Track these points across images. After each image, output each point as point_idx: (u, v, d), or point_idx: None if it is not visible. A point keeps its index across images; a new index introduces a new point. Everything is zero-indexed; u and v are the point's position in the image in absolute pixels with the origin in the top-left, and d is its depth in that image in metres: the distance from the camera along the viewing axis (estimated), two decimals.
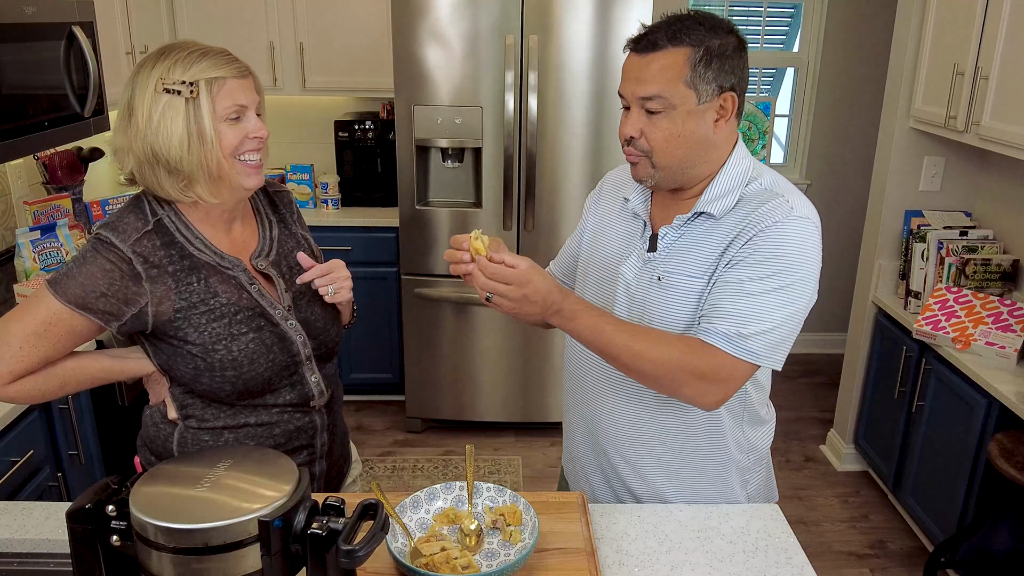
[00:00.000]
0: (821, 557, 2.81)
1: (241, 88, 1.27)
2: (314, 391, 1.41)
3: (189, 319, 1.29)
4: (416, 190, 3.31)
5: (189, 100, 1.23)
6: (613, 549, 1.31)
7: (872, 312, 3.17)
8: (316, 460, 1.47)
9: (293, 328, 1.37)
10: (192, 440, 1.38)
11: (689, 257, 1.32)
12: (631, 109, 1.28)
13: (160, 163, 1.25)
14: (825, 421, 3.72)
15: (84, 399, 2.17)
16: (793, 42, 4.24)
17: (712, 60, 1.23)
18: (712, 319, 1.26)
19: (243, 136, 1.28)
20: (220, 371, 1.30)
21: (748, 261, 1.26)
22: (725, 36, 1.25)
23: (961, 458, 2.51)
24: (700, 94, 1.24)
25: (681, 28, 1.24)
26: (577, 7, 3.03)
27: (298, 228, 1.50)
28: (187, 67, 1.23)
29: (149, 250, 1.28)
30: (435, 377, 3.52)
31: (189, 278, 1.30)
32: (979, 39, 2.48)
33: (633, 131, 1.27)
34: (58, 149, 2.98)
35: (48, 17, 2.29)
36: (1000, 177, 2.93)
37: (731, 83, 1.26)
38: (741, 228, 1.28)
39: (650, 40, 1.24)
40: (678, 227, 1.33)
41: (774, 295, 1.24)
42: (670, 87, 1.23)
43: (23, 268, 2.52)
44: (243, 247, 1.39)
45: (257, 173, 1.31)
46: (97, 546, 0.95)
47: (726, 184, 1.31)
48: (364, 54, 3.58)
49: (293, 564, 0.94)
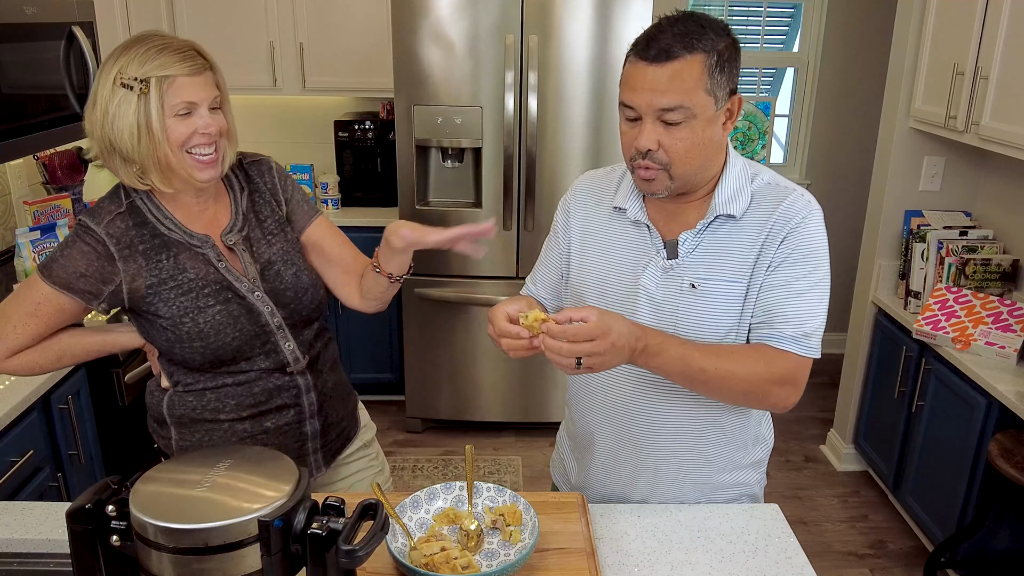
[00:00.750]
0: (821, 557, 2.81)
1: (192, 85, 1.32)
2: (288, 358, 1.47)
3: (159, 294, 1.38)
4: (416, 190, 3.31)
5: (140, 96, 1.29)
6: (613, 549, 1.31)
7: (872, 312, 3.17)
8: (306, 419, 1.52)
9: (260, 299, 1.43)
10: (179, 403, 1.47)
11: (721, 262, 1.31)
12: (644, 120, 1.23)
13: (116, 152, 1.33)
14: (825, 421, 3.72)
15: (84, 399, 2.17)
16: (793, 42, 4.24)
17: (724, 64, 1.22)
18: (775, 324, 1.29)
19: (192, 131, 1.32)
20: (188, 342, 1.39)
21: (789, 261, 1.29)
22: (726, 37, 1.24)
23: (961, 458, 2.51)
24: (717, 100, 1.23)
25: (691, 33, 1.20)
26: (577, 7, 3.03)
27: (280, 194, 1.52)
28: (142, 63, 1.29)
29: (121, 231, 1.37)
30: (435, 377, 3.52)
31: (159, 256, 1.38)
32: (979, 39, 2.48)
33: (651, 143, 1.23)
34: (58, 149, 2.98)
35: (48, 17, 2.29)
36: (1000, 177, 2.93)
37: (735, 84, 1.27)
38: (770, 228, 1.29)
39: (663, 48, 1.19)
40: (699, 231, 1.32)
41: (817, 289, 1.30)
42: (691, 96, 1.20)
43: (23, 268, 2.52)
44: (214, 223, 1.45)
45: (209, 167, 1.36)
46: (97, 546, 0.95)
47: (735, 183, 1.31)
48: (364, 54, 3.58)
49: (293, 564, 0.94)
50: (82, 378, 2.16)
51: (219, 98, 1.37)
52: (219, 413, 1.47)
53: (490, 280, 3.39)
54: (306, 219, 1.56)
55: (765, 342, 1.29)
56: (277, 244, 1.49)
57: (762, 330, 1.30)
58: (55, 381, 2.02)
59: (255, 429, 1.49)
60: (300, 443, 1.53)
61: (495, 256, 3.35)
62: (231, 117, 1.41)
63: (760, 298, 1.30)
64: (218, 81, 1.37)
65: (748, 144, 4.30)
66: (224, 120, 1.38)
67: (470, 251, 1.43)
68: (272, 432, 1.50)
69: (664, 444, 1.40)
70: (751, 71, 4.28)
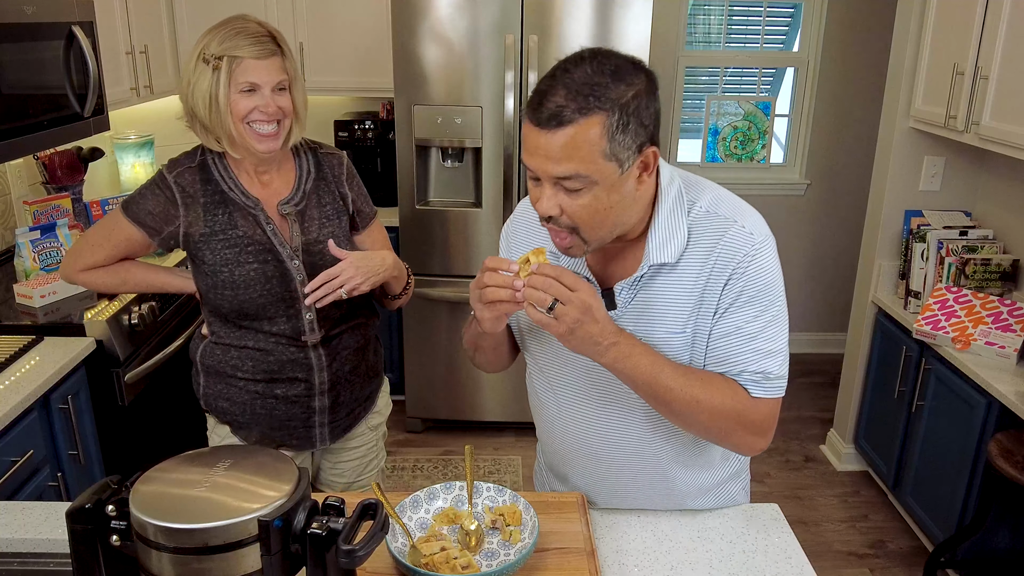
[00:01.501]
0: (821, 557, 2.82)
1: (258, 68, 1.47)
2: (306, 327, 1.61)
3: (208, 243, 1.56)
4: (416, 190, 3.31)
5: (215, 71, 1.47)
6: (613, 549, 1.31)
7: (872, 312, 3.17)
8: (315, 395, 1.66)
9: (296, 267, 1.58)
10: (210, 353, 1.67)
11: (661, 311, 1.22)
12: (543, 185, 1.11)
13: (196, 118, 1.52)
14: (825, 421, 3.72)
15: (84, 399, 2.17)
16: (793, 42, 4.24)
17: (629, 121, 1.07)
18: (731, 375, 1.22)
19: (252, 107, 1.49)
20: (221, 289, 1.57)
21: (737, 304, 1.20)
22: (634, 78, 1.08)
23: (961, 458, 2.51)
24: (622, 163, 1.09)
25: (587, 90, 1.05)
26: (577, 7, 3.03)
27: (346, 188, 1.68)
28: (220, 43, 1.47)
29: (188, 182, 1.58)
30: (435, 377, 3.52)
31: (216, 210, 1.57)
32: (979, 39, 2.48)
33: (552, 210, 1.12)
34: (58, 149, 2.98)
35: (48, 17, 2.29)
36: (1000, 177, 2.93)
37: (649, 134, 1.11)
38: (711, 270, 1.19)
39: (553, 112, 1.05)
40: (635, 283, 1.23)
41: (773, 325, 1.22)
42: (588, 165, 1.07)
43: (23, 268, 2.52)
44: (274, 193, 1.61)
45: (268, 140, 1.51)
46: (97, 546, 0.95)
47: (666, 226, 1.20)
48: (364, 54, 3.58)
49: (293, 564, 0.94)
50: (82, 378, 2.16)
51: (286, 81, 1.52)
52: (238, 371, 1.64)
53: None
54: (364, 222, 1.74)
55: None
56: (329, 227, 1.63)
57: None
58: (55, 381, 2.02)
59: (266, 392, 1.64)
60: (307, 415, 1.67)
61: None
62: (301, 100, 1.56)
63: (712, 346, 1.22)
64: (287, 66, 1.52)
65: (748, 144, 4.30)
66: (289, 102, 1.53)
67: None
68: (281, 399, 1.64)
69: (631, 485, 1.39)
70: (751, 71, 4.28)
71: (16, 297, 2.36)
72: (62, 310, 2.31)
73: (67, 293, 2.40)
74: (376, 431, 1.86)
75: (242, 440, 1.72)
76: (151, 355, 2.40)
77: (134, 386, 2.32)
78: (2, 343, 2.10)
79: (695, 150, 4.38)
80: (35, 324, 2.23)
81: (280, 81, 1.51)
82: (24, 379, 1.95)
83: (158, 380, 2.46)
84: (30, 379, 1.95)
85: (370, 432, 1.84)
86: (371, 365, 1.79)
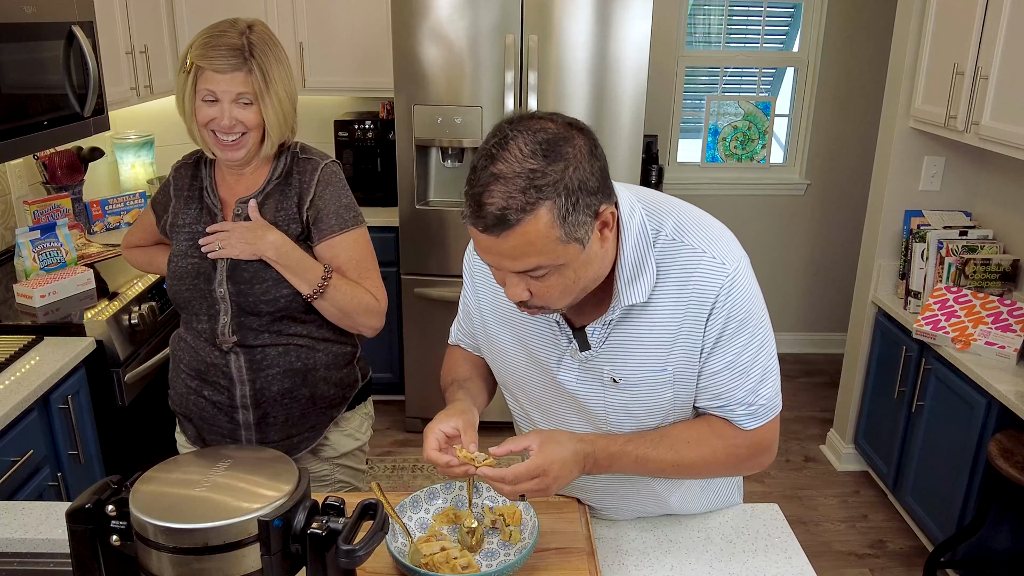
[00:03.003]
0: (821, 557, 2.82)
1: (218, 80, 1.49)
2: (219, 329, 1.60)
3: (176, 234, 1.64)
4: (416, 190, 3.31)
5: (187, 75, 1.52)
6: (613, 549, 1.31)
7: (872, 312, 3.17)
8: (238, 408, 1.64)
9: (220, 267, 1.59)
10: (172, 340, 1.74)
11: (638, 350, 1.18)
12: (506, 275, 1.07)
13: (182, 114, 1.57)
14: (825, 421, 3.72)
15: (84, 399, 2.17)
16: (793, 42, 4.24)
17: (577, 199, 0.99)
18: (725, 409, 1.21)
19: (212, 117, 1.51)
20: (167, 278, 1.65)
21: (724, 338, 1.16)
22: (568, 147, 1.00)
23: (961, 458, 2.51)
24: (581, 240, 1.03)
25: (524, 183, 0.97)
26: (577, 7, 3.03)
27: (311, 195, 1.61)
28: (196, 49, 1.50)
29: (181, 177, 1.67)
30: (435, 377, 3.49)
31: (191, 205, 1.64)
32: (979, 39, 2.48)
33: (522, 296, 1.07)
34: (58, 149, 2.98)
35: (48, 17, 2.29)
36: (1000, 177, 2.93)
37: (602, 196, 1.04)
38: (686, 308, 1.15)
39: (498, 217, 0.98)
40: (607, 324, 1.18)
41: (762, 354, 1.20)
42: (547, 255, 1.01)
43: (23, 268, 2.52)
44: (237, 194, 1.62)
45: (229, 149, 1.54)
46: (97, 546, 0.95)
47: (634, 263, 1.13)
48: (364, 54, 3.58)
49: (293, 564, 0.94)
50: (82, 378, 2.16)
51: (249, 95, 1.51)
52: (180, 363, 1.69)
53: None
54: (322, 234, 1.61)
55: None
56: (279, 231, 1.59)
57: (712, 411, 1.23)
58: (55, 381, 2.02)
59: (198, 390, 1.66)
60: (232, 426, 1.65)
61: None
62: (274, 114, 1.54)
63: (703, 385, 1.20)
64: (253, 81, 1.51)
65: (748, 144, 4.30)
66: (253, 115, 1.53)
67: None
68: (208, 400, 1.66)
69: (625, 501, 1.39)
70: (751, 71, 4.28)
71: (16, 297, 2.37)
72: (62, 310, 2.31)
73: (67, 293, 2.40)
74: (328, 462, 1.74)
75: (183, 435, 1.74)
76: (151, 355, 2.40)
77: (134, 386, 2.32)
78: (2, 343, 2.10)
79: (695, 150, 4.38)
80: (35, 324, 2.23)
81: (241, 95, 1.51)
82: (24, 379, 1.95)
83: (158, 380, 2.45)
84: (30, 379, 1.95)
85: (319, 462, 1.73)
86: (320, 395, 1.66)
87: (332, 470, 1.76)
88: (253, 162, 1.60)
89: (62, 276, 2.41)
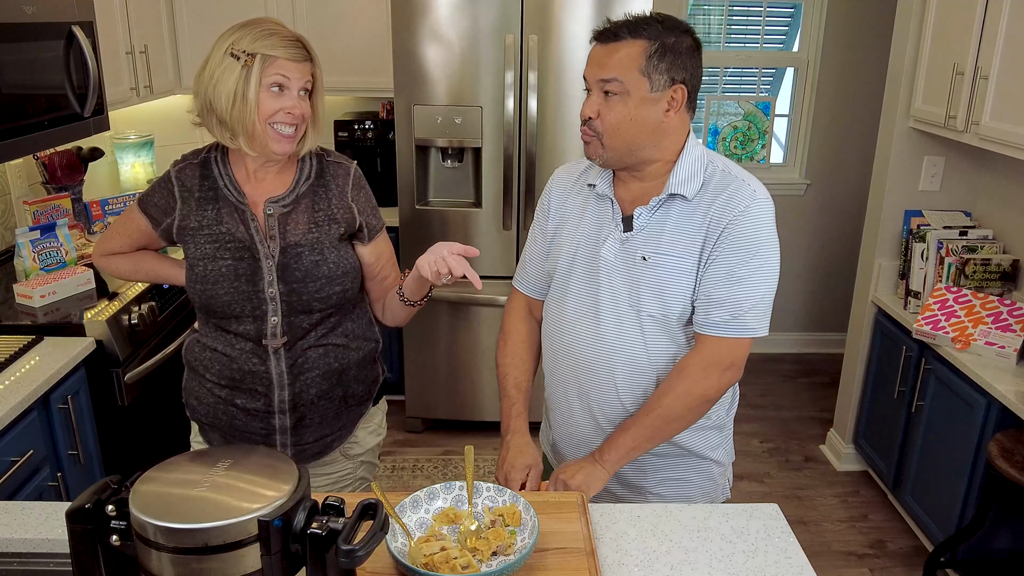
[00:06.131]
0: (821, 557, 2.82)
1: (289, 68, 1.48)
2: (268, 331, 1.58)
3: (194, 237, 1.58)
4: (416, 190, 3.31)
5: (244, 67, 1.47)
6: (613, 549, 1.31)
7: (872, 312, 3.17)
8: (275, 413, 1.62)
9: (268, 268, 1.56)
10: (190, 348, 1.69)
11: (671, 237, 1.43)
12: (592, 92, 1.41)
13: (214, 112, 1.51)
14: (825, 421, 3.72)
15: (84, 399, 2.17)
16: (793, 42, 4.24)
17: (666, 54, 1.36)
18: (710, 311, 1.42)
19: (279, 108, 1.49)
20: (193, 283, 1.58)
21: (729, 250, 1.39)
22: (681, 35, 1.39)
23: (961, 458, 2.51)
24: (653, 83, 1.37)
25: (641, 24, 1.38)
26: (577, 7, 3.03)
27: (350, 199, 1.63)
28: (253, 40, 1.47)
29: (188, 178, 1.60)
30: (435, 377, 3.52)
31: (207, 205, 1.58)
32: (979, 39, 2.49)
33: (591, 111, 1.40)
34: (58, 149, 2.98)
35: (48, 17, 2.29)
36: (1000, 177, 2.93)
37: (683, 77, 1.39)
38: (712, 216, 1.41)
39: (612, 32, 1.38)
40: (653, 208, 1.44)
41: (758, 275, 1.40)
42: (626, 73, 1.36)
43: (23, 268, 2.52)
44: (265, 192, 1.60)
45: (286, 142, 1.52)
46: (97, 546, 0.95)
47: (689, 168, 1.43)
48: (364, 54, 3.58)
49: (293, 564, 0.94)
50: (82, 378, 2.16)
51: (311, 86, 1.53)
52: (206, 372, 1.64)
53: (490, 280, 3.38)
54: (370, 234, 1.69)
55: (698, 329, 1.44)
56: (315, 234, 1.59)
57: (697, 317, 1.44)
58: (55, 381, 2.02)
59: (228, 399, 1.63)
60: (267, 432, 1.63)
61: (495, 256, 3.35)
62: (321, 108, 1.57)
63: (701, 287, 1.42)
64: (315, 73, 1.54)
65: (748, 144, 4.30)
66: (310, 108, 1.54)
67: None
68: (241, 409, 1.63)
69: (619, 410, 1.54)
70: (751, 71, 4.28)
71: (16, 297, 2.37)
72: (62, 310, 2.31)
73: (67, 293, 2.40)
74: (353, 460, 1.77)
75: (207, 444, 1.70)
76: (151, 355, 2.41)
77: (134, 386, 2.32)
78: (2, 343, 2.10)
79: None
80: (35, 324, 2.23)
81: (306, 83, 1.52)
82: (24, 379, 1.95)
83: (158, 380, 2.45)
84: (30, 379, 1.95)
85: (345, 460, 1.75)
86: (351, 393, 1.70)
87: (356, 467, 1.78)
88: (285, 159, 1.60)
89: (62, 276, 2.41)
